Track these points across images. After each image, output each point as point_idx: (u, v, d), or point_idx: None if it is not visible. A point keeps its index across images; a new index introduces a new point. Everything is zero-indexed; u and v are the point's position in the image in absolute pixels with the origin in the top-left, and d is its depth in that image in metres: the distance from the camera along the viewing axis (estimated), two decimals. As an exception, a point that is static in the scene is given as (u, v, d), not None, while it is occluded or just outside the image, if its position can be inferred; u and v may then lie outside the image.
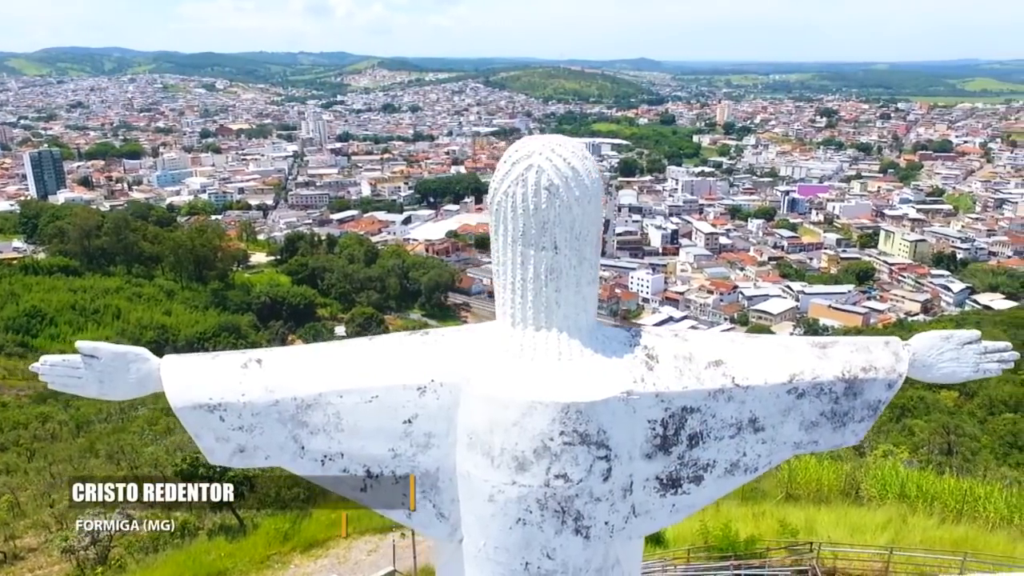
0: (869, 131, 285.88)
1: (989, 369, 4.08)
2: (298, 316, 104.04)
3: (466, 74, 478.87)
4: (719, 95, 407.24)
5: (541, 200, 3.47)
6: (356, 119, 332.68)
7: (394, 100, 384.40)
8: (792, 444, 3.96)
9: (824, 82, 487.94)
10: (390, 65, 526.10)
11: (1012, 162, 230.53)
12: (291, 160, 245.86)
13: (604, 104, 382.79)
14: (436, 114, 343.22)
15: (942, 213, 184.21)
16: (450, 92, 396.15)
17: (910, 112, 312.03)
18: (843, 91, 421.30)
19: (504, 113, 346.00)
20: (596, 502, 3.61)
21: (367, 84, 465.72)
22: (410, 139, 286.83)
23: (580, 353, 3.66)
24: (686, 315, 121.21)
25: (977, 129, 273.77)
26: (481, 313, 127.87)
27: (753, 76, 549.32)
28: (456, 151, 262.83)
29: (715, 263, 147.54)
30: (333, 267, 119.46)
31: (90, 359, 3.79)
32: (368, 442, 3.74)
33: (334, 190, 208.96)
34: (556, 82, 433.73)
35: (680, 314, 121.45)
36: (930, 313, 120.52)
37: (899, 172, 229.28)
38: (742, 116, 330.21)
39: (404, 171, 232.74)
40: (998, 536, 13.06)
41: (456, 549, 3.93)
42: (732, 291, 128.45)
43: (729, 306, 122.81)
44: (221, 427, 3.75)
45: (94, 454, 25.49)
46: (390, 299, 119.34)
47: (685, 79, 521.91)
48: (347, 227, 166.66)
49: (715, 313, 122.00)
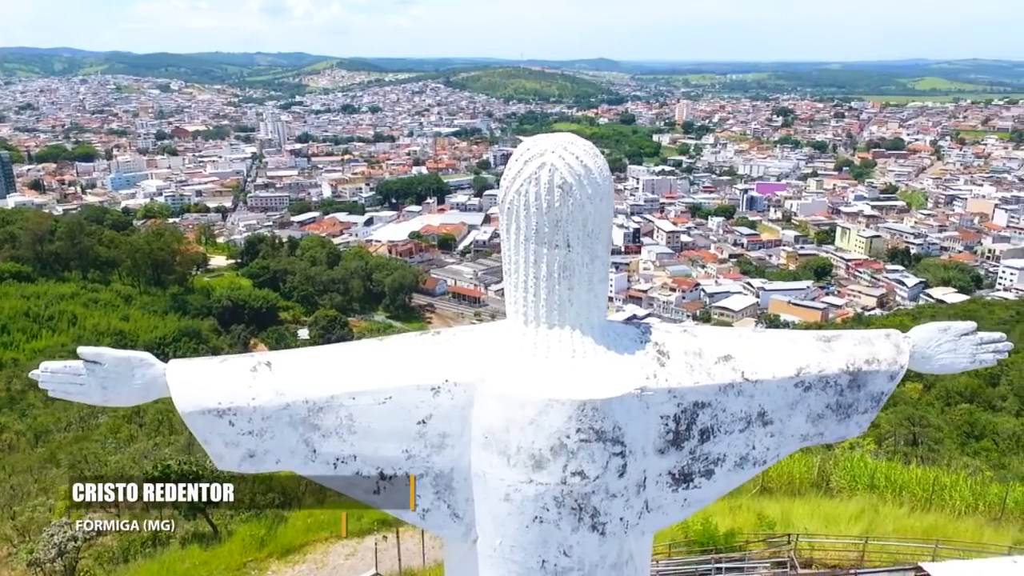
0: (824, 129, 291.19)
1: (985, 360, 4.19)
2: (260, 320, 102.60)
3: (426, 74, 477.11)
4: (678, 95, 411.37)
5: (554, 198, 3.48)
6: (315, 120, 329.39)
7: (354, 101, 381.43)
8: (799, 436, 4.02)
9: (780, 81, 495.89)
10: (349, 66, 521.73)
11: (961, 159, 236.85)
12: (250, 162, 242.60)
13: (565, 104, 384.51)
14: (396, 115, 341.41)
15: (896, 209, 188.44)
16: (410, 92, 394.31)
17: (863, 111, 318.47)
18: (798, 90, 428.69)
19: (465, 113, 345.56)
20: (612, 498, 3.62)
21: (326, 85, 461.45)
22: (371, 140, 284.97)
23: (593, 350, 3.67)
24: (649, 313, 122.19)
25: (927, 127, 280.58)
26: (445, 314, 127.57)
27: (711, 76, 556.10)
28: (417, 152, 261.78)
29: (677, 261, 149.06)
30: (295, 269, 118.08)
31: (93, 365, 3.69)
32: (381, 444, 3.70)
33: (294, 192, 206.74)
34: (517, 82, 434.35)
35: (643, 312, 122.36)
36: (886, 307, 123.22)
37: (854, 170, 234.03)
38: (701, 115, 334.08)
39: (365, 172, 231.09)
40: (966, 523, 13.40)
41: (470, 549, 3.91)
42: (694, 288, 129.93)
43: (691, 303, 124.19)
44: (230, 432, 3.69)
45: (55, 464, 24.87)
46: (354, 301, 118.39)
47: (644, 79, 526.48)
48: (308, 229, 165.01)
49: (678, 311, 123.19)
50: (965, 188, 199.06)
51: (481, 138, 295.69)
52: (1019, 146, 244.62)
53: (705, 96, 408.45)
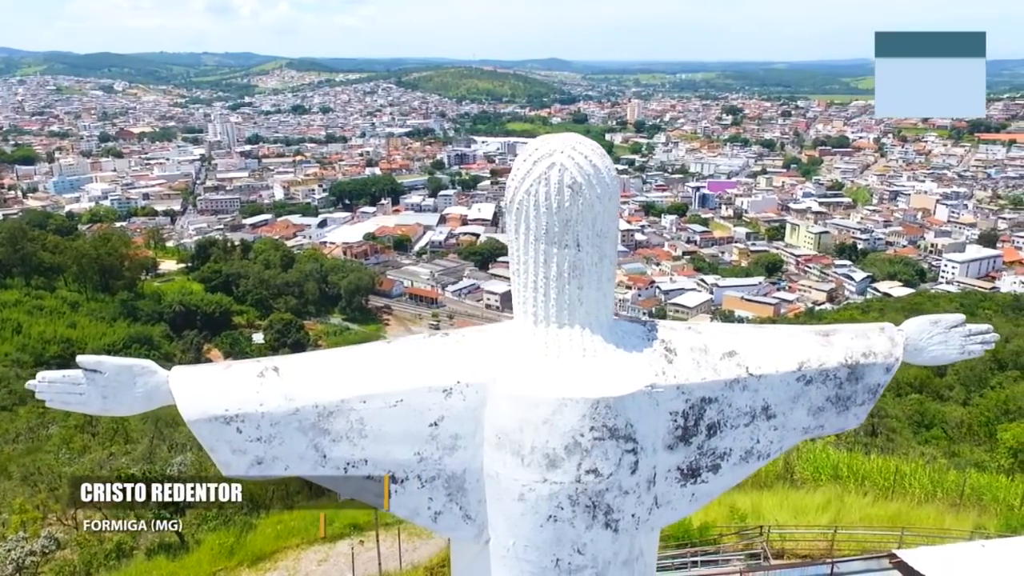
0: (772, 128, 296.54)
1: (973, 351, 4.34)
2: (213, 324, 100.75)
3: (377, 74, 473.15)
4: (629, 94, 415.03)
5: (564, 198, 3.50)
6: (265, 121, 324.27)
7: (304, 101, 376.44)
8: (801, 429, 4.12)
9: (728, 81, 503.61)
10: (298, 66, 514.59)
11: (903, 156, 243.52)
12: (198, 164, 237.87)
13: (518, 104, 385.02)
14: (348, 115, 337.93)
15: (842, 206, 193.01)
16: (362, 93, 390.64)
17: (809, 109, 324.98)
18: (746, 89, 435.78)
19: (418, 114, 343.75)
20: (624, 495, 3.66)
21: (275, 85, 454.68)
22: (322, 141, 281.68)
23: (603, 349, 3.70)
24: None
25: (871, 125, 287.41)
26: (403, 316, 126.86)
27: (661, 75, 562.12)
28: (370, 152, 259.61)
29: (632, 259, 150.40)
30: (248, 273, 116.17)
31: (92, 374, 3.62)
32: (393, 447, 3.68)
33: (245, 194, 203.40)
34: (469, 82, 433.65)
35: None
36: (835, 302, 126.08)
37: (801, 167, 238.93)
38: (652, 114, 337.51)
39: (318, 173, 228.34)
40: (927, 510, 13.81)
41: (481, 551, 3.91)
42: (649, 286, 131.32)
43: (646, 301, 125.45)
44: (238, 439, 3.64)
45: (7, 476, 24.05)
46: (309, 304, 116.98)
47: (595, 79, 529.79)
48: (261, 232, 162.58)
49: (634, 308, 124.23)
50: (908, 184, 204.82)
51: (434, 138, 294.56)
52: (957, 143, 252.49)
53: (655, 95, 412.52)
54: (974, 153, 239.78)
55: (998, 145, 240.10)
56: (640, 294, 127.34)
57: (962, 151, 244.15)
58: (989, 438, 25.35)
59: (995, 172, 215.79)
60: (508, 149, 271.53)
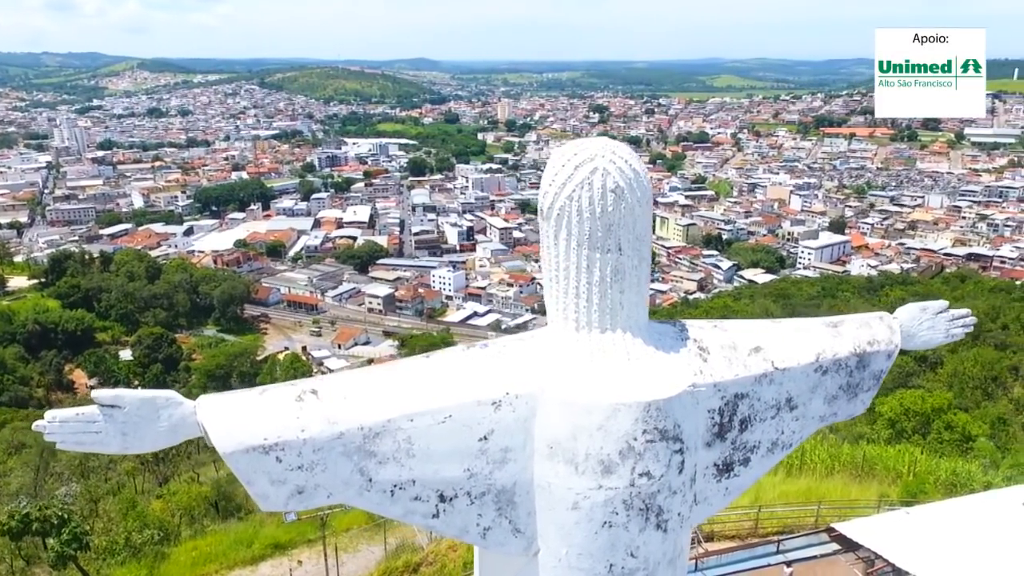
0: (637, 125, 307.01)
1: (956, 334, 4.66)
2: (75, 343, 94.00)
3: (239, 75, 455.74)
4: (498, 93, 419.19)
5: (608, 203, 3.48)
6: (119, 125, 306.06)
7: (160, 104, 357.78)
8: (818, 418, 4.29)
9: (593, 79, 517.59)
10: (152, 66, 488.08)
11: (758, 150, 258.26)
12: (45, 172, 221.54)
13: (387, 104, 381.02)
14: (209, 118, 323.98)
15: (706, 199, 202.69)
16: (223, 94, 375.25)
17: (670, 107, 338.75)
18: (610, 88, 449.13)
19: (284, 115, 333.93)
20: (673, 495, 3.69)
21: (127, 87, 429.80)
22: (183, 145, 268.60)
23: (644, 351, 3.71)
24: (490, 309, 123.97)
25: (727, 121, 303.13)
26: (282, 324, 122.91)
27: (528, 75, 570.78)
28: (236, 156, 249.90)
29: (512, 257, 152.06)
30: (111, 286, 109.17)
31: (110, 409, 3.30)
32: (442, 465, 3.55)
33: (101, 203, 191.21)
34: (336, 83, 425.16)
35: (484, 308, 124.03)
36: (705, 291, 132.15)
37: (666, 162, 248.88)
38: (522, 113, 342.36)
39: (180, 179, 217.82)
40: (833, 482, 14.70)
41: (528, 564, 3.84)
42: (530, 283, 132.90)
43: (528, 297, 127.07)
44: (277, 469, 3.40)
45: None
46: (180, 316, 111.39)
47: (464, 78, 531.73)
48: (121, 242, 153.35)
49: (517, 305, 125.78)
50: (764, 177, 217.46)
51: (303, 140, 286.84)
52: (805, 137, 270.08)
53: (524, 95, 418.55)
54: (820, 146, 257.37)
55: (840, 139, 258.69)
56: (522, 291, 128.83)
57: (809, 144, 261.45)
58: (868, 411, 27.24)
59: (840, 164, 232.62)
60: (381, 150, 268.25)
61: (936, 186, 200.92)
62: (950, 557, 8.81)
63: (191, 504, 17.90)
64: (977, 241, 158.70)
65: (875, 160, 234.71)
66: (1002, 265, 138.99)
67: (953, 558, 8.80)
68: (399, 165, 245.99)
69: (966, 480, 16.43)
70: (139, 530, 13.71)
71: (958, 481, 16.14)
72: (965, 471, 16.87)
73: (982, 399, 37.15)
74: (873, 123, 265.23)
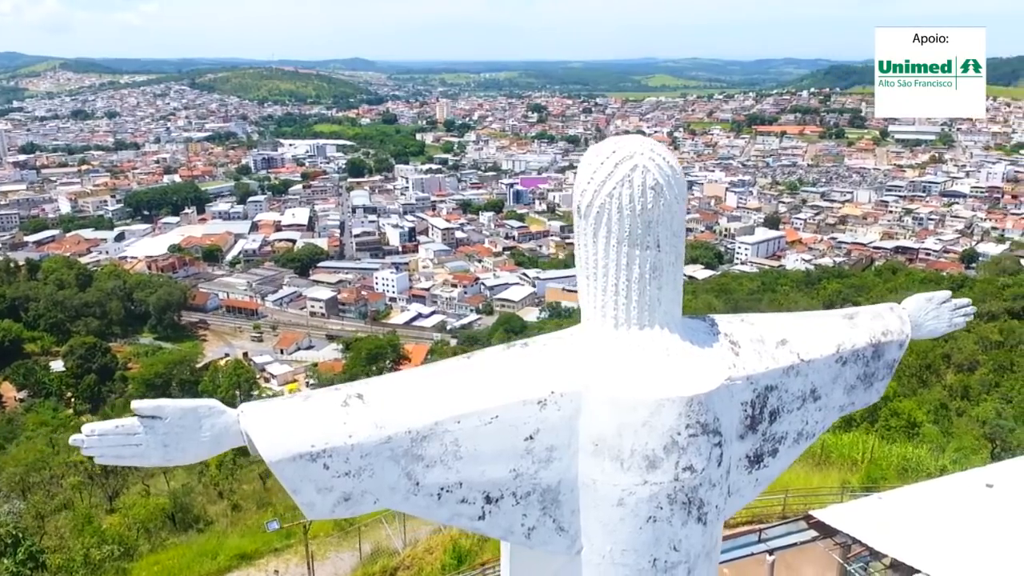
0: (575, 124, 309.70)
1: (958, 323, 4.85)
2: (2, 355, 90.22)
3: (168, 76, 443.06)
4: (436, 94, 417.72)
5: (648, 200, 3.51)
6: (41, 127, 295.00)
7: (85, 105, 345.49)
8: (839, 407, 4.41)
9: (530, 79, 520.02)
10: (75, 67, 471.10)
11: (694, 148, 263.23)
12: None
13: (323, 105, 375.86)
14: (138, 119, 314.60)
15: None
16: (152, 96, 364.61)
17: (607, 106, 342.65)
18: (547, 87, 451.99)
19: (217, 117, 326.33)
20: (712, 488, 3.75)
21: (49, 88, 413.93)
22: (111, 148, 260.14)
23: (681, 347, 3.75)
24: (434, 310, 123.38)
25: (663, 120, 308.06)
26: (222, 330, 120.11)
27: (465, 75, 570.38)
28: (168, 159, 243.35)
29: (454, 257, 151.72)
30: (38, 295, 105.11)
31: (151, 420, 3.19)
32: (488, 466, 3.53)
33: (24, 209, 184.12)
34: (270, 83, 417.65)
35: (428, 310, 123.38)
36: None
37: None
38: (460, 113, 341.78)
39: (109, 183, 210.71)
40: (795, 471, 15.05)
41: (569, 562, 3.84)
42: (474, 283, 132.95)
43: (473, 297, 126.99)
44: (324, 476, 3.34)
45: None
46: (113, 324, 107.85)
47: (401, 78, 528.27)
48: (48, 249, 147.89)
49: (461, 306, 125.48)
50: (701, 174, 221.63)
51: (238, 142, 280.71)
52: (738, 135, 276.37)
53: (462, 95, 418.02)
54: (753, 144, 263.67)
55: (772, 136, 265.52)
56: (466, 291, 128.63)
57: (743, 142, 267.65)
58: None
59: (772, 161, 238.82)
60: (318, 151, 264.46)
61: (864, 182, 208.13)
62: (924, 539, 9.19)
63: (148, 518, 17.35)
64: (903, 234, 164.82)
65: (805, 157, 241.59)
66: (927, 257, 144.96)
67: (926, 539, 9.17)
68: (337, 166, 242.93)
69: (916, 465, 17.08)
70: (97, 546, 13.25)
71: (909, 466, 16.77)
72: (915, 456, 17.55)
73: (918, 387, 38.70)
74: (803, 121, 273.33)
